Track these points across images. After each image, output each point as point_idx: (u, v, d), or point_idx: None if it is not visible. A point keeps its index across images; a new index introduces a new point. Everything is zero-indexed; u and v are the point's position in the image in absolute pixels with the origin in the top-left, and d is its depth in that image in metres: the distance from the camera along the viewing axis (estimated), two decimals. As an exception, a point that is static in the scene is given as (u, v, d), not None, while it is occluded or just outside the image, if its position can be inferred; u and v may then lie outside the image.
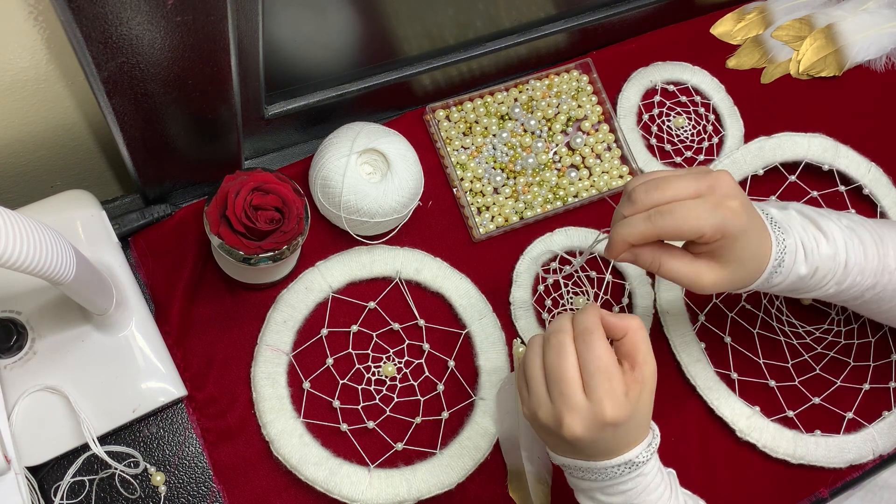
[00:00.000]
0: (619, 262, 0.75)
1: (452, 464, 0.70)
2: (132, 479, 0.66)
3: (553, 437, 0.56)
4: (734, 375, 0.77)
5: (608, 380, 0.53)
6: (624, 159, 0.81)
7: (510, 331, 0.75)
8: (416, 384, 0.72)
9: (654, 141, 0.83)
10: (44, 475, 0.65)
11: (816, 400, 0.78)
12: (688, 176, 0.56)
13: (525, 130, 0.80)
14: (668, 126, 0.84)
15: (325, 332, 0.72)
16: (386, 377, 0.72)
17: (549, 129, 0.81)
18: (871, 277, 0.63)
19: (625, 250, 0.58)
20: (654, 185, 0.56)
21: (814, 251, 0.61)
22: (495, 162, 0.79)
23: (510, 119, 0.80)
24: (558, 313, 0.76)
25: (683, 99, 0.84)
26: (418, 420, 0.71)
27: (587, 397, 0.53)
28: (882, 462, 0.78)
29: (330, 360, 0.71)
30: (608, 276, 0.78)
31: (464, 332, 0.74)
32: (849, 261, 0.62)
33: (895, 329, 0.81)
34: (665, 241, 0.59)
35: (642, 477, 0.57)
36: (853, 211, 0.82)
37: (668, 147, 0.83)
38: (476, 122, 0.79)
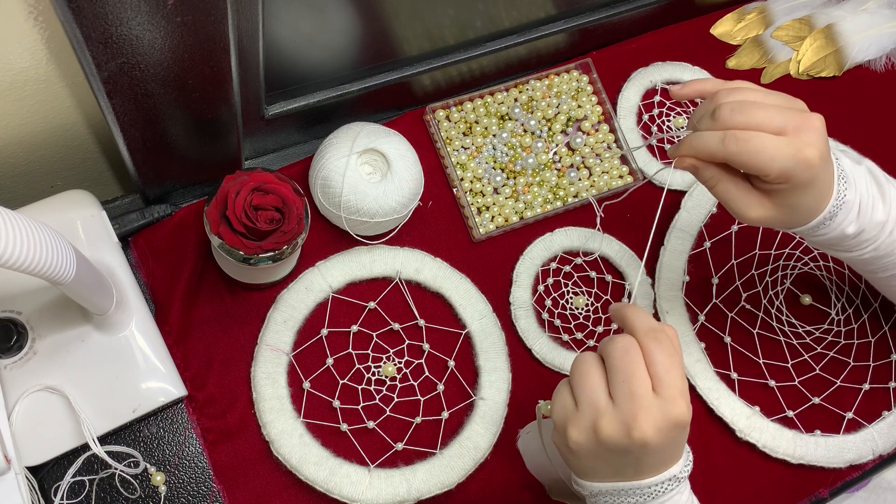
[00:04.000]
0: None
1: (452, 464, 0.70)
2: (132, 479, 0.66)
3: (606, 452, 0.51)
4: (734, 375, 0.77)
5: (681, 377, 0.50)
6: (624, 159, 0.81)
7: (510, 331, 0.75)
8: (416, 384, 0.72)
9: (653, 141, 0.83)
10: (44, 475, 0.65)
11: (816, 400, 0.78)
12: (779, 108, 0.54)
13: (525, 130, 0.80)
14: (668, 126, 0.84)
15: (325, 332, 0.72)
16: (386, 377, 0.72)
17: (549, 129, 0.81)
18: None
19: (690, 163, 0.57)
20: (740, 108, 0.54)
21: (867, 214, 0.59)
22: (495, 162, 0.79)
23: (510, 119, 0.80)
24: (558, 313, 0.76)
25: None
26: (418, 420, 0.71)
27: (657, 393, 0.50)
28: (882, 462, 0.78)
29: (330, 360, 0.71)
30: (608, 277, 0.78)
31: (464, 332, 0.74)
32: (895, 230, 0.60)
33: (895, 329, 0.81)
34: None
35: (680, 496, 0.53)
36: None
37: (668, 147, 0.83)
38: (476, 122, 0.79)
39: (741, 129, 0.54)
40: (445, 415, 0.72)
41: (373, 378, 0.72)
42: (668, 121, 0.84)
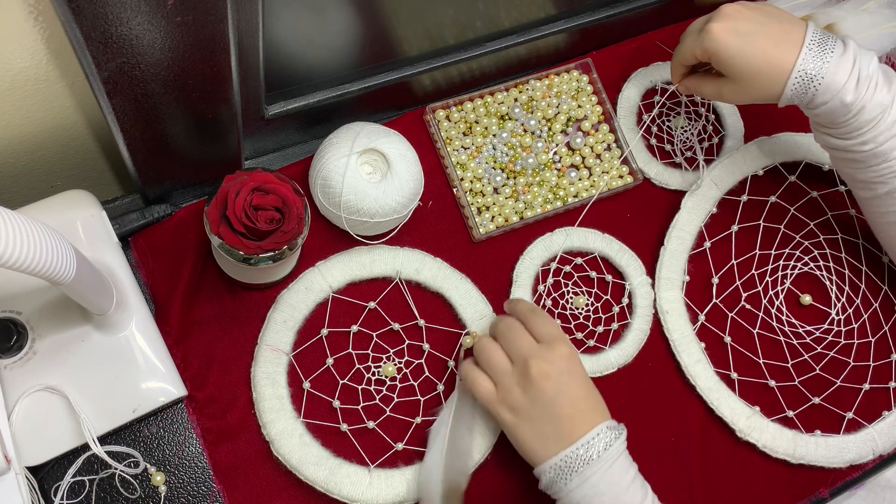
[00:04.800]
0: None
1: (452, 464, 0.70)
2: (132, 479, 0.66)
3: (528, 409, 0.63)
4: (734, 375, 0.77)
5: (557, 328, 0.65)
6: (624, 159, 0.81)
7: (510, 331, 0.75)
8: (416, 384, 0.72)
9: (653, 141, 0.83)
10: (44, 475, 0.65)
11: (816, 400, 0.78)
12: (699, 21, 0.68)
13: (525, 130, 0.80)
14: (668, 126, 0.84)
15: (325, 332, 0.72)
16: (386, 377, 0.72)
17: (549, 129, 0.81)
18: None
19: (680, 74, 0.73)
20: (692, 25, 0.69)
21: (867, 88, 0.62)
22: (495, 162, 0.79)
23: (510, 119, 0.80)
24: (558, 313, 0.76)
25: (683, 99, 0.84)
26: (418, 420, 0.71)
27: (540, 344, 0.64)
28: (883, 462, 0.78)
29: (330, 360, 0.71)
30: (608, 277, 0.78)
31: (464, 333, 0.74)
32: None
33: (895, 329, 0.81)
34: (703, 71, 0.72)
35: (618, 464, 0.61)
36: (853, 211, 0.82)
37: (667, 147, 0.83)
38: (476, 122, 0.79)
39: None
40: (445, 415, 0.72)
41: (373, 378, 0.72)
42: (669, 121, 0.84)
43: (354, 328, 0.72)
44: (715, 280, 0.79)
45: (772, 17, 0.65)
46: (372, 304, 0.73)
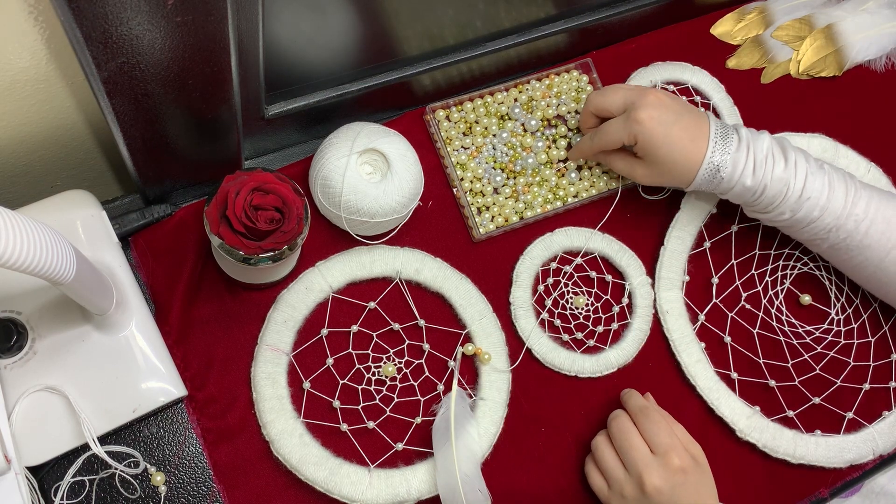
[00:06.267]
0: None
1: (452, 464, 0.70)
2: (132, 479, 0.66)
3: None
4: (734, 375, 0.77)
5: (669, 437, 0.66)
6: (624, 159, 0.81)
7: (510, 331, 0.75)
8: (416, 384, 0.72)
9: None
10: (44, 475, 0.65)
11: (816, 400, 0.78)
12: (621, 91, 0.72)
13: (525, 130, 0.80)
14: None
15: (325, 332, 0.72)
16: (386, 377, 0.72)
17: (555, 128, 0.81)
18: (832, 218, 0.69)
19: (581, 157, 0.78)
20: (594, 98, 0.74)
21: (766, 170, 0.68)
22: (495, 162, 0.79)
23: (510, 119, 0.80)
24: (558, 313, 0.76)
25: (684, 99, 0.84)
26: (418, 420, 0.71)
27: (654, 454, 0.66)
28: (880, 464, 0.78)
29: (330, 360, 0.71)
30: (608, 277, 0.78)
31: (464, 332, 0.74)
32: (805, 191, 0.68)
33: (895, 329, 0.81)
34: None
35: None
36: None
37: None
38: (476, 122, 0.79)
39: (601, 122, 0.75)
40: (445, 415, 0.72)
41: (373, 378, 0.72)
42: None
43: (354, 328, 0.72)
44: (715, 280, 0.79)
45: (684, 108, 0.70)
46: (372, 304, 0.73)
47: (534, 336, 0.75)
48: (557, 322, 0.76)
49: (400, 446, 0.70)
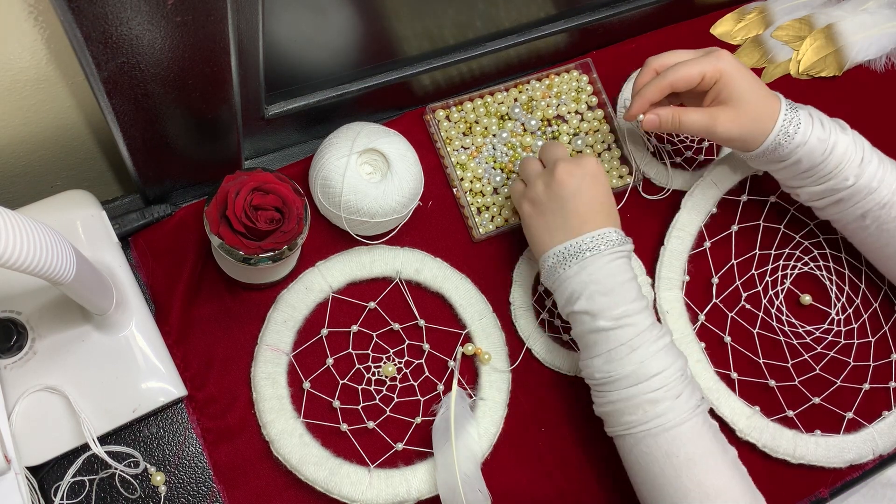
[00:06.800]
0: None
1: (452, 464, 0.70)
2: (132, 479, 0.66)
3: (542, 204, 0.67)
4: (734, 375, 0.77)
5: (555, 156, 0.69)
6: (624, 159, 0.81)
7: (510, 331, 0.75)
8: (416, 384, 0.72)
9: (653, 141, 0.83)
10: (44, 475, 0.65)
11: (816, 400, 0.78)
12: (691, 52, 0.70)
13: (525, 130, 0.80)
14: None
15: (325, 332, 0.72)
16: (386, 377, 0.72)
17: (556, 128, 0.81)
18: (889, 192, 0.69)
19: (645, 107, 0.70)
20: (662, 55, 0.70)
21: (833, 127, 0.68)
22: (495, 162, 0.79)
23: (510, 119, 0.80)
24: (558, 313, 0.76)
25: (683, 99, 0.84)
26: (418, 420, 0.71)
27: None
28: (884, 461, 0.78)
29: (330, 360, 0.71)
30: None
31: (464, 332, 0.74)
32: (866, 156, 0.69)
33: (895, 329, 0.81)
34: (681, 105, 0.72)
35: (609, 264, 0.64)
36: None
37: (667, 147, 0.83)
38: (476, 122, 0.79)
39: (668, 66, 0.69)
40: (445, 415, 0.72)
41: (373, 378, 0.72)
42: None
43: (354, 328, 0.72)
44: (715, 280, 0.79)
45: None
46: (372, 304, 0.73)
47: (534, 336, 0.75)
48: (557, 322, 0.76)
49: (400, 446, 0.70)
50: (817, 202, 0.72)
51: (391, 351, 0.72)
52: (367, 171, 0.70)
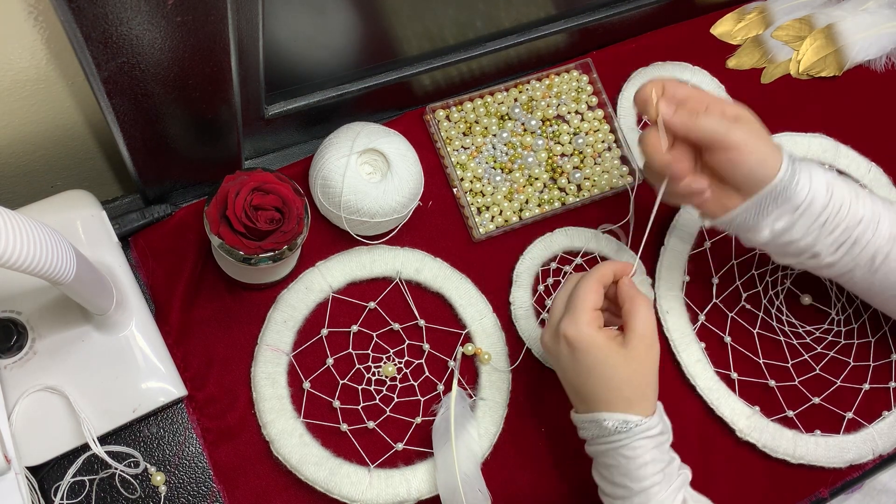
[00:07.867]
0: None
1: (452, 464, 0.70)
2: (132, 479, 0.66)
3: (556, 358, 0.64)
4: (734, 375, 0.77)
5: (558, 309, 0.64)
6: (624, 159, 0.81)
7: (510, 331, 0.75)
8: (416, 384, 0.72)
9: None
10: (44, 475, 0.65)
11: (816, 400, 0.78)
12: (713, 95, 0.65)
13: (525, 130, 0.80)
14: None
15: (325, 332, 0.72)
16: (386, 377, 0.72)
17: (555, 128, 0.81)
18: (887, 241, 0.65)
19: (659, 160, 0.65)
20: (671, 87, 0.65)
21: (824, 172, 0.65)
22: (495, 162, 0.79)
23: (510, 119, 0.80)
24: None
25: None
26: (418, 420, 0.71)
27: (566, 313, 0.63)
28: (881, 463, 0.78)
29: (330, 360, 0.71)
30: (608, 276, 0.78)
31: (464, 332, 0.74)
32: (856, 190, 0.65)
33: (895, 329, 0.81)
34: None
35: (635, 449, 0.61)
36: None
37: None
38: (476, 122, 0.79)
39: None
40: (445, 415, 0.72)
41: (373, 378, 0.72)
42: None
43: (354, 328, 0.72)
44: (715, 280, 0.79)
45: None
46: (372, 304, 0.73)
47: (534, 336, 0.75)
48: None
49: (400, 446, 0.70)
50: (835, 254, 0.66)
51: (391, 351, 0.72)
52: (367, 171, 0.70)
